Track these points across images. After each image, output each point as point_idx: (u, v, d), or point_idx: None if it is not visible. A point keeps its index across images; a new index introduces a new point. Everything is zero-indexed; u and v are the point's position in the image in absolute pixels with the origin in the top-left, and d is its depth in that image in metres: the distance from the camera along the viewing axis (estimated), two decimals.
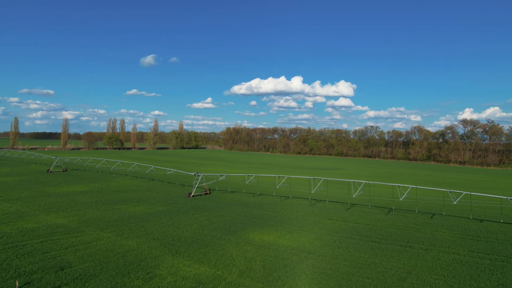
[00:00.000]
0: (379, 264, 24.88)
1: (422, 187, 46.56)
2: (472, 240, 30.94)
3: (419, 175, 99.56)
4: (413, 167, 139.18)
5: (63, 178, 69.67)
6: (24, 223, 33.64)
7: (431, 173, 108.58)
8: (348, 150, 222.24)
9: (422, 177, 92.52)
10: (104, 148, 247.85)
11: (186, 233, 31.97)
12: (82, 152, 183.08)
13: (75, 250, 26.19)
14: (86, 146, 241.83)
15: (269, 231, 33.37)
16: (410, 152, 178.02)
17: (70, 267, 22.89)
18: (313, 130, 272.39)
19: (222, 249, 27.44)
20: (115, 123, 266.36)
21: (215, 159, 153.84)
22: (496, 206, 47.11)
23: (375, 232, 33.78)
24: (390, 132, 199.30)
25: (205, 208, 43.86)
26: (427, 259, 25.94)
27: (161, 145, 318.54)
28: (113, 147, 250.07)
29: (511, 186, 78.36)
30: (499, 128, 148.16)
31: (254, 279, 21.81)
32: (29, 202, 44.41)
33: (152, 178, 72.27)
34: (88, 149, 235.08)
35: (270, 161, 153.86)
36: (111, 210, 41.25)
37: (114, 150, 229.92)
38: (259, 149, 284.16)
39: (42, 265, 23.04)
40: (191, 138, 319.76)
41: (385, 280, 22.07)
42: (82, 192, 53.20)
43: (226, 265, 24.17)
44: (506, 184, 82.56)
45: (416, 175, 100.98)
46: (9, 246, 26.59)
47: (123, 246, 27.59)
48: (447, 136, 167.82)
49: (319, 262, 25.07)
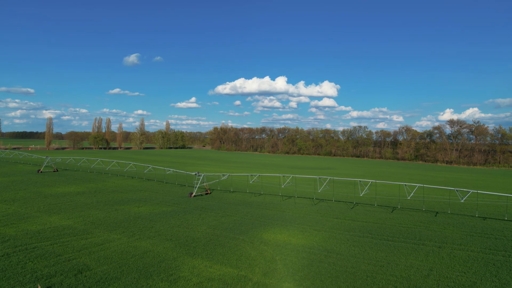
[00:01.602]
0: (398, 262, 25.07)
1: (429, 185, 47.30)
2: (481, 238, 31.60)
3: (412, 174, 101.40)
4: (403, 167, 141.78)
5: (56, 178, 67.68)
6: (28, 225, 32.44)
7: (423, 172, 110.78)
8: (337, 150, 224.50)
9: (415, 176, 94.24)
10: (90, 148, 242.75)
11: (197, 233, 31.48)
12: (68, 152, 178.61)
13: (89, 253, 25.40)
14: (71, 145, 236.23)
15: (280, 231, 33.24)
16: (398, 152, 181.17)
17: (88, 270, 22.16)
18: (301, 130, 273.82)
19: (239, 249, 27.12)
20: (100, 123, 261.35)
21: (206, 159, 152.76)
22: (495, 204, 48.31)
23: (384, 230, 34.09)
24: (379, 132, 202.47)
25: (210, 208, 43.37)
26: (443, 256, 26.32)
27: (147, 145, 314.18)
28: (98, 146, 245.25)
29: (501, 184, 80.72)
30: (485, 129, 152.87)
31: (280, 279, 21.62)
32: (27, 203, 42.90)
33: (148, 178, 71.03)
34: (73, 148, 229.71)
35: (262, 161, 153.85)
36: (115, 211, 40.27)
37: (100, 150, 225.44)
38: (247, 149, 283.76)
39: (59, 268, 22.22)
40: (177, 138, 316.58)
41: (409, 277, 22.25)
42: (79, 193, 51.79)
43: (248, 265, 23.89)
44: (497, 182, 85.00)
45: (409, 174, 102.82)
46: (19, 249, 25.55)
47: (137, 247, 26.93)
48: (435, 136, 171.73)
49: (339, 261, 25.07)
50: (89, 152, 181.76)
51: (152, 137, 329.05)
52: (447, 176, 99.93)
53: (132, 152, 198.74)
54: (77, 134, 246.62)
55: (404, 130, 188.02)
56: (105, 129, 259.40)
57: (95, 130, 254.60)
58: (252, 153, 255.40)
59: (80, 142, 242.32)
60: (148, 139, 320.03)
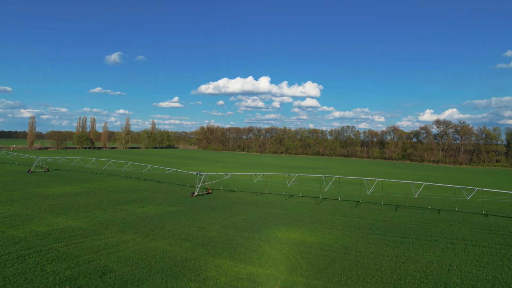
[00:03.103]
0: (417, 258, 25.50)
1: (435, 183, 48.36)
2: (489, 234, 32.52)
3: (404, 174, 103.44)
4: (393, 166, 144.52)
5: (49, 178, 65.73)
6: (35, 227, 31.38)
7: (414, 172, 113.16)
8: (325, 149, 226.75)
9: (407, 176, 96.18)
10: (74, 148, 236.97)
11: (211, 233, 31.19)
12: (52, 152, 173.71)
13: (107, 254, 24.77)
14: (54, 145, 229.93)
15: (292, 229, 33.30)
16: (385, 152, 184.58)
17: (112, 271, 21.61)
18: (289, 130, 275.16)
19: (258, 248, 27.02)
20: (85, 122, 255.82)
21: (196, 159, 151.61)
22: (495, 201, 49.82)
23: (394, 228, 34.63)
24: (366, 132, 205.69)
25: (215, 207, 43.04)
26: (458, 252, 26.94)
27: (132, 144, 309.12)
28: (83, 146, 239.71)
29: (490, 183, 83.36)
30: (469, 129, 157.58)
31: (307, 277, 21.66)
32: (26, 204, 41.49)
33: (145, 178, 69.89)
34: (56, 148, 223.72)
35: (253, 161, 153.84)
36: (119, 211, 39.44)
37: (85, 150, 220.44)
38: (234, 148, 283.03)
39: (81, 270, 21.59)
40: (163, 138, 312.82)
41: (432, 272, 22.68)
42: (77, 193, 50.46)
43: (272, 264, 23.83)
44: (486, 181, 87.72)
45: (401, 173, 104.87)
46: (33, 251, 24.68)
47: (155, 248, 26.45)
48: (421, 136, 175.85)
49: (360, 258, 25.32)
50: (75, 152, 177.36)
51: (137, 137, 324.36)
52: (437, 175, 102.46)
53: (119, 152, 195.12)
54: (61, 133, 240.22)
55: (391, 130, 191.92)
56: (89, 129, 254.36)
57: (79, 130, 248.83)
58: (239, 152, 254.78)
59: (63, 141, 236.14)
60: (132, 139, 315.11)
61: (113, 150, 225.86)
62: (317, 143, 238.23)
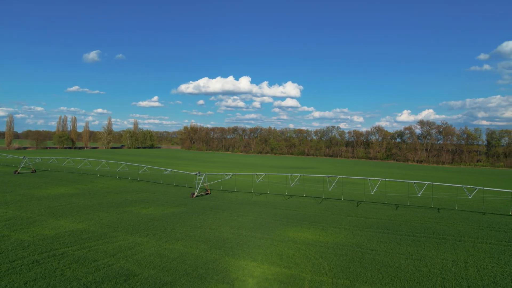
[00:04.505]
0: (431, 255, 26.14)
1: (439, 183, 49.74)
2: (492, 231, 33.72)
3: (391, 173, 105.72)
4: (379, 166, 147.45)
5: (39, 179, 63.48)
6: (39, 230, 30.24)
7: (400, 171, 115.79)
8: (310, 149, 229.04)
9: (396, 175, 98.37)
10: (54, 148, 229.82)
11: (224, 234, 30.95)
12: (31, 152, 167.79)
13: (125, 257, 24.18)
14: (34, 145, 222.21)
15: (301, 229, 33.47)
16: (370, 152, 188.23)
17: (135, 275, 21.12)
18: (274, 129, 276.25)
19: (276, 249, 27.01)
20: (65, 121, 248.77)
21: (182, 159, 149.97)
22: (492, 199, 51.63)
23: (400, 226, 35.37)
24: (351, 132, 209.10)
25: (219, 208, 42.72)
26: (469, 249, 27.80)
27: (114, 144, 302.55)
28: (63, 146, 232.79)
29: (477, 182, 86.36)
30: (452, 129, 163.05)
31: (332, 276, 21.83)
32: (23, 206, 39.90)
33: (136, 179, 68.54)
34: (36, 148, 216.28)
35: (241, 161, 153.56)
36: (123, 213, 38.55)
37: (66, 150, 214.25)
38: (219, 148, 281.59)
39: (103, 274, 20.99)
40: (146, 138, 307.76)
41: (450, 269, 23.31)
42: (73, 195, 48.95)
43: (293, 264, 23.88)
44: (473, 180, 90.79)
45: (389, 173, 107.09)
46: (46, 255, 23.79)
47: (172, 250, 26.01)
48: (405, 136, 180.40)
49: (377, 257, 25.73)
50: (58, 152, 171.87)
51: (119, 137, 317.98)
52: (423, 174, 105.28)
53: (102, 152, 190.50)
54: (40, 133, 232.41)
55: (376, 131, 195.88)
56: (70, 128, 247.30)
57: (60, 129, 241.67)
58: (224, 152, 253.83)
59: (43, 141, 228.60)
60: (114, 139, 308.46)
61: (95, 150, 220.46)
62: (302, 143, 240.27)
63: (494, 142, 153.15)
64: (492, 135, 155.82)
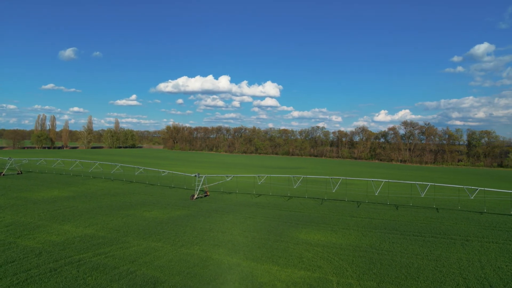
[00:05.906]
0: (446, 255, 26.81)
1: (440, 184, 51.01)
2: (495, 230, 34.93)
3: (376, 173, 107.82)
4: (365, 166, 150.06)
5: (28, 182, 60.97)
6: (46, 236, 29.04)
7: (385, 171, 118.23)
8: (295, 149, 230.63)
9: (384, 175, 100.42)
10: (32, 147, 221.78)
11: (237, 237, 30.68)
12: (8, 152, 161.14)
13: (145, 263, 23.56)
14: (10, 145, 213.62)
15: (311, 231, 33.62)
16: (354, 152, 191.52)
17: (161, 282, 20.60)
18: (258, 129, 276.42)
19: (294, 252, 27.00)
20: (44, 120, 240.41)
21: (168, 159, 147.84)
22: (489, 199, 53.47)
23: (406, 226, 36.10)
24: (336, 132, 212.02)
25: (223, 210, 42.35)
26: (479, 249, 28.68)
27: (94, 144, 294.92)
28: (42, 146, 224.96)
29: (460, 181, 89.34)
30: (434, 130, 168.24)
31: (358, 278, 22.02)
32: (20, 210, 38.22)
33: (130, 180, 66.99)
34: (13, 148, 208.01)
35: (228, 161, 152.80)
36: (127, 216, 37.58)
37: (45, 150, 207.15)
38: (202, 148, 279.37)
39: (128, 282, 20.36)
40: (127, 137, 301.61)
41: (467, 269, 23.97)
42: (69, 198, 47.31)
43: (316, 266, 23.94)
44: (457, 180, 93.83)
45: (378, 172, 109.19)
46: (63, 263, 22.85)
47: (191, 255, 25.54)
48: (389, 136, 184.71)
49: (395, 258, 26.15)
50: (36, 152, 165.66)
51: (98, 136, 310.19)
52: (409, 174, 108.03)
53: (84, 152, 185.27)
54: (17, 132, 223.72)
55: (360, 131, 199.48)
56: (49, 127, 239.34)
57: (38, 128, 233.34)
58: (208, 152, 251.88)
59: (21, 141, 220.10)
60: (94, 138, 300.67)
61: (76, 150, 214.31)
62: (287, 143, 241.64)
63: (475, 142, 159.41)
64: (473, 135, 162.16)
